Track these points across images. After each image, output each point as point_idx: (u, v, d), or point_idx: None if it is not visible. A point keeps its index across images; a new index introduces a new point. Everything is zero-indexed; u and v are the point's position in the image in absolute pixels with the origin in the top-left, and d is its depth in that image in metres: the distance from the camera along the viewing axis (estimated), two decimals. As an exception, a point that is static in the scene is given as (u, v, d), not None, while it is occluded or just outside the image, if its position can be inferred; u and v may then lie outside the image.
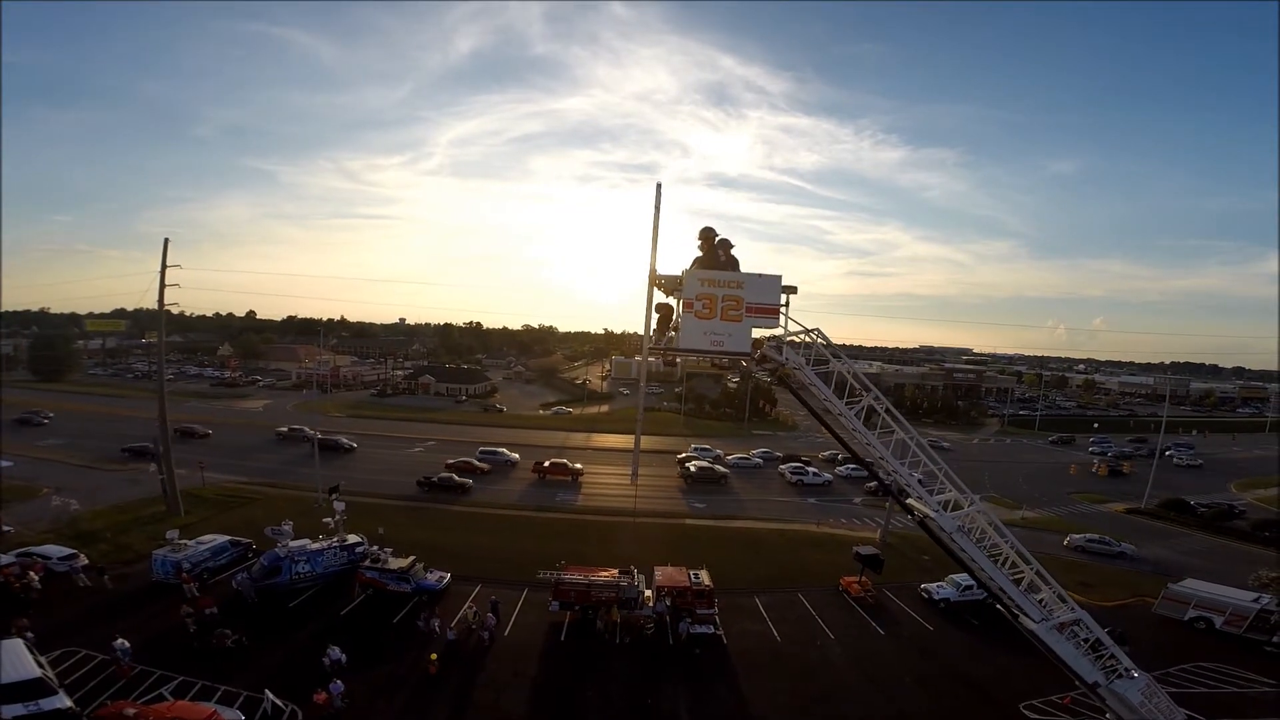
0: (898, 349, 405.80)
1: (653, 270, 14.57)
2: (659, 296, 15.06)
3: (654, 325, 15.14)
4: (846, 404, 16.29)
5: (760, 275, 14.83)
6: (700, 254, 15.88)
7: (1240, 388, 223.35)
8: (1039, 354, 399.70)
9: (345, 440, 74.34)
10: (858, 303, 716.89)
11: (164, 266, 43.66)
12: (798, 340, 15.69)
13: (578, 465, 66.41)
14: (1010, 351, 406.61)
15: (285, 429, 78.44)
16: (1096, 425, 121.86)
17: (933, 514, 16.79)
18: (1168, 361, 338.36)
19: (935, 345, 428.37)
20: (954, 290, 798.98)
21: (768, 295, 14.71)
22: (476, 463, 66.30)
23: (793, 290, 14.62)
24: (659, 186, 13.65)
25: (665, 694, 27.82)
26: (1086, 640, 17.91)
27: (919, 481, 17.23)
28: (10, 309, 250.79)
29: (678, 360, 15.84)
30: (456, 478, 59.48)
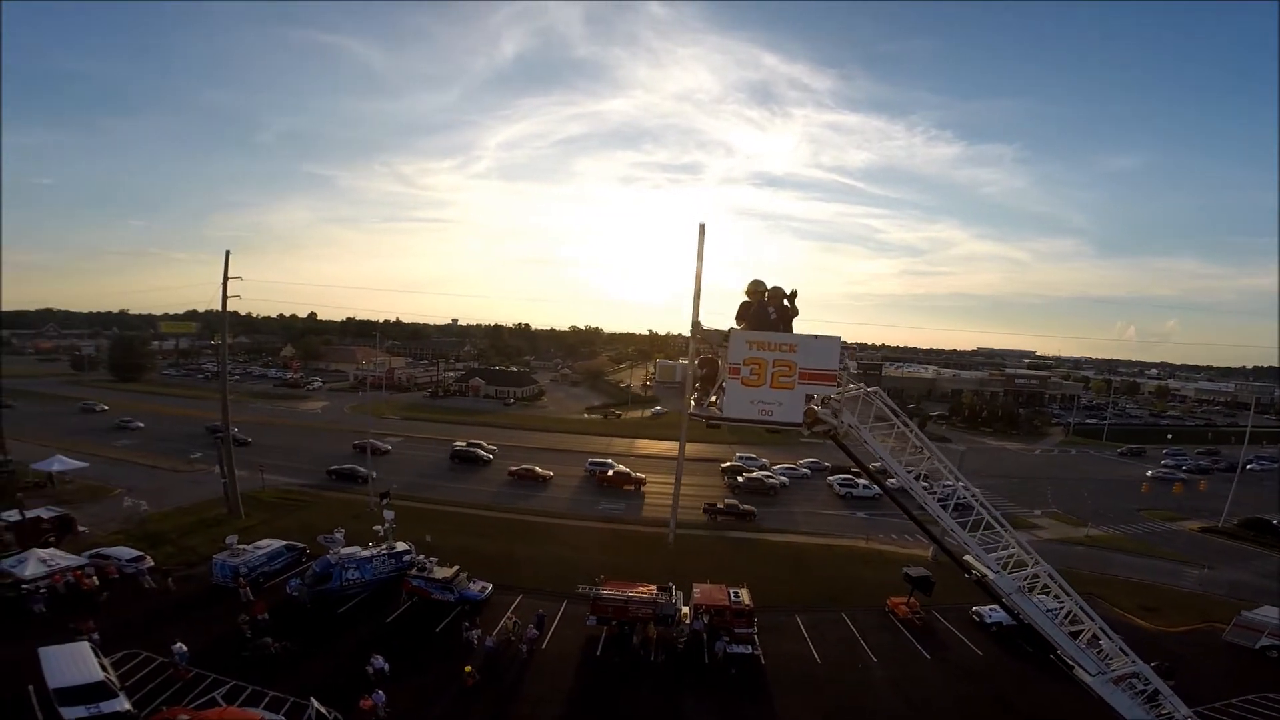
0: (954, 351, 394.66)
1: (696, 323, 13.80)
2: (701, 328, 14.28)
3: (696, 381, 14.47)
4: (906, 468, 15.45)
5: (816, 337, 13.61)
6: (746, 301, 14.65)
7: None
8: (1107, 358, 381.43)
9: (484, 452, 74.71)
10: (911, 303, 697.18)
11: (226, 277, 45.66)
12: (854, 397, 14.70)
13: (640, 475, 66.20)
14: (1076, 355, 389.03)
15: (463, 444, 77.45)
16: (1170, 436, 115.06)
17: (991, 575, 16.01)
18: (1249, 366, 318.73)
19: (995, 348, 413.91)
20: (1012, 290, 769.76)
21: (825, 359, 13.45)
22: (540, 470, 67.45)
23: (852, 349, 13.58)
24: (702, 229, 12.89)
25: (697, 713, 27.67)
26: (1143, 691, 16.87)
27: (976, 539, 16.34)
28: (91, 310, 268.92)
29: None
30: (740, 505, 58.37)
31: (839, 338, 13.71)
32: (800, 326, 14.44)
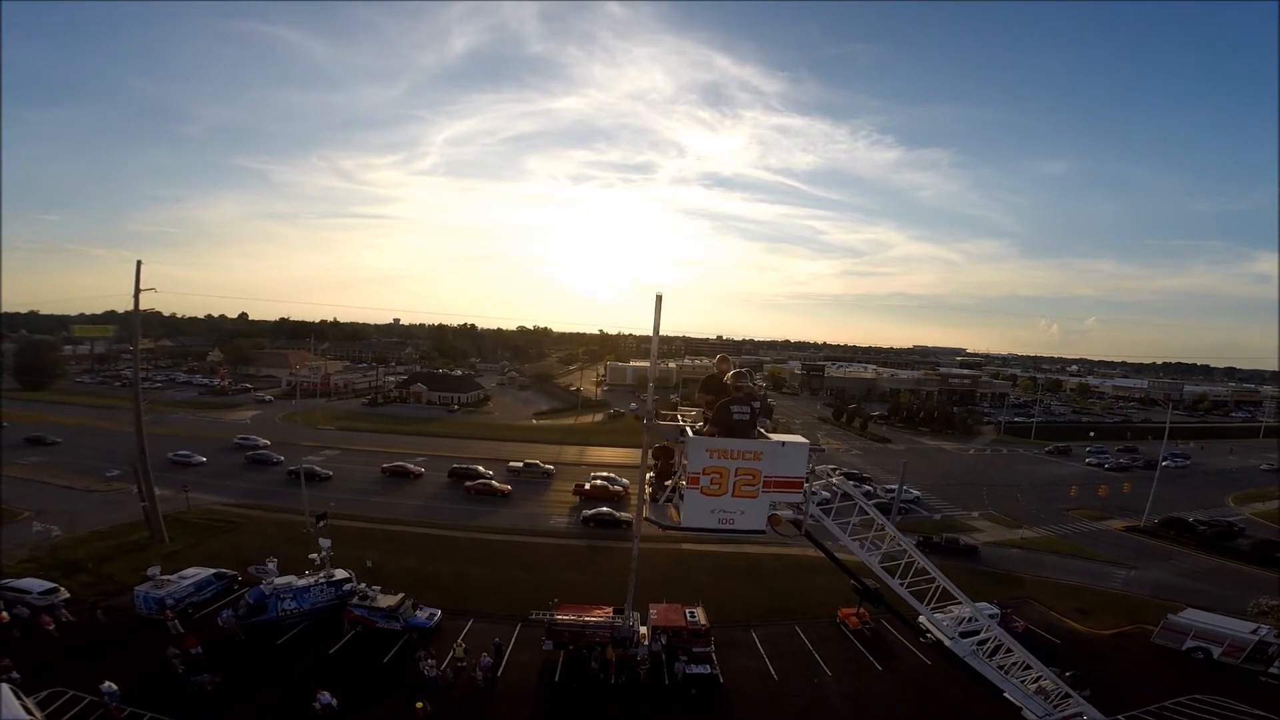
0: (892, 349, 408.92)
1: (650, 416, 12.91)
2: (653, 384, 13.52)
3: (651, 473, 13.59)
4: (868, 550, 15.25)
5: (783, 443, 12.69)
6: (716, 379, 13.36)
7: (1233, 390, 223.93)
8: (1032, 354, 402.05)
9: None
10: (852, 302, 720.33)
11: (138, 288, 42.29)
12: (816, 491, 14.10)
13: (618, 488, 64.39)
14: (1004, 351, 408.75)
15: (520, 464, 74.51)
16: (1093, 434, 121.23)
17: (947, 641, 16.08)
18: (1159, 362, 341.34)
19: (929, 345, 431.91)
20: (947, 290, 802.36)
21: (791, 466, 12.66)
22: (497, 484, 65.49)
23: (820, 450, 12.96)
24: (659, 299, 12.25)
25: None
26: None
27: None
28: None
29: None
30: (961, 539, 55.32)
31: (807, 444, 12.97)
32: (748, 329, 13.61)
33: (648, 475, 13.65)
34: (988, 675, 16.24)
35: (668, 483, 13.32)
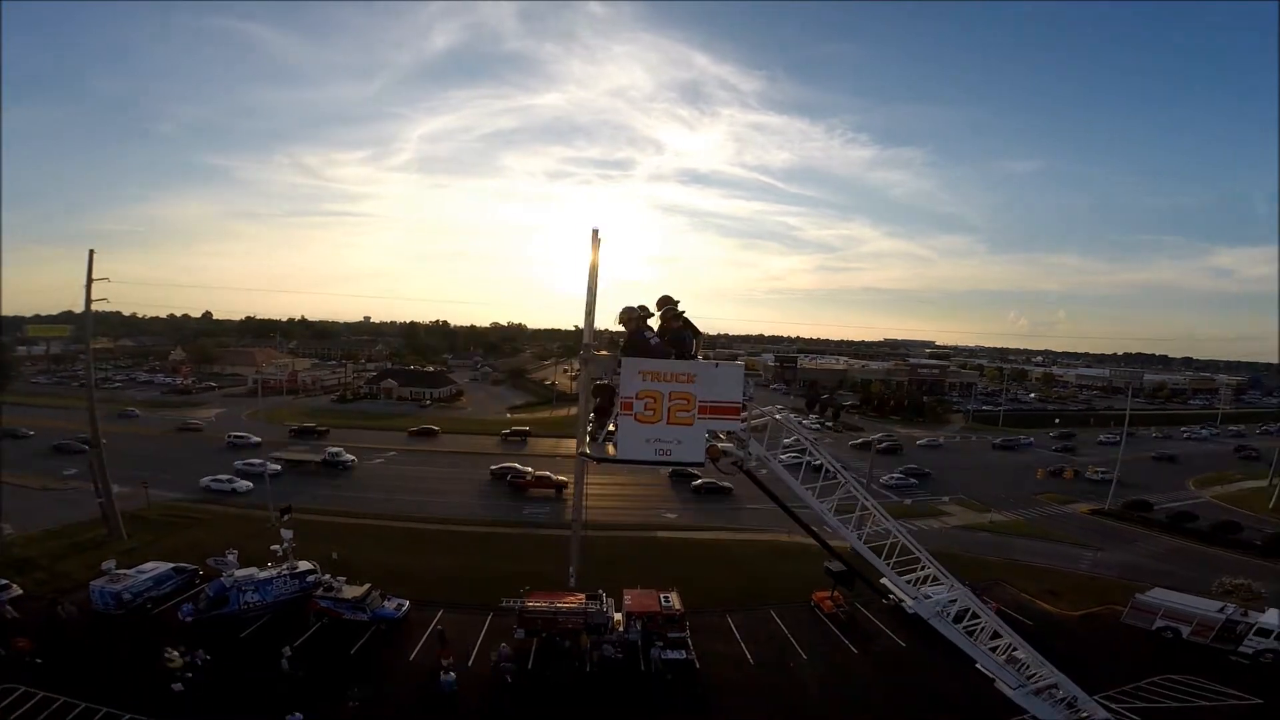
0: (864, 342, 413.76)
1: (585, 347, 12.29)
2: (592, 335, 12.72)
3: (591, 412, 12.95)
4: (821, 499, 14.75)
5: (716, 364, 12.17)
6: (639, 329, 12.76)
7: (1191, 379, 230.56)
8: (998, 345, 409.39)
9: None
10: (825, 297, 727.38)
11: (90, 280, 40.72)
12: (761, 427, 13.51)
13: (562, 477, 63.36)
14: (971, 344, 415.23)
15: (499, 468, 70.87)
16: (1058, 420, 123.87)
17: (910, 602, 15.78)
18: (1120, 353, 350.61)
19: (900, 338, 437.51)
20: (917, 284, 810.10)
21: (727, 390, 12.03)
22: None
23: (756, 374, 12.25)
24: (595, 232, 11.59)
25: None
26: (1063, 699, 17.08)
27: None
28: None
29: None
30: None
31: (742, 365, 12.45)
32: (724, 324, 12.88)
33: (588, 414, 13.04)
34: (954, 640, 15.93)
35: (605, 423, 12.74)
